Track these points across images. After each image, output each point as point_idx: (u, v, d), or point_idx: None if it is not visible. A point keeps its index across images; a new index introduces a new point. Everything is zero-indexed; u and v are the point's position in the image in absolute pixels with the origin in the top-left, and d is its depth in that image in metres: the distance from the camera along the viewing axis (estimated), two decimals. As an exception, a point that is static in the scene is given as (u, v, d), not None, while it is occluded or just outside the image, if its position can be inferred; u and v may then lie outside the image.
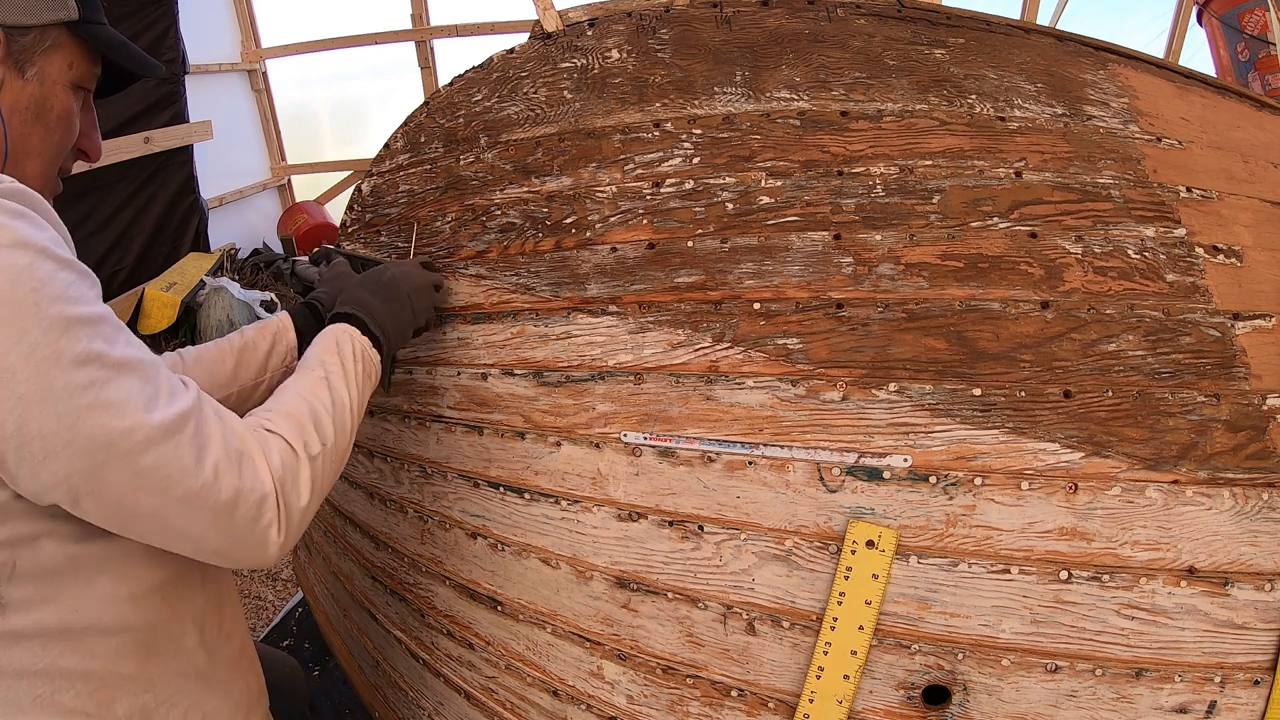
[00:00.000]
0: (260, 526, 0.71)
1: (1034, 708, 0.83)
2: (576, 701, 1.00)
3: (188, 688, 0.81)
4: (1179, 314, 0.87)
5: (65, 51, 0.78)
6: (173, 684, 0.79)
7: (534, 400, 1.02)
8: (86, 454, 0.61)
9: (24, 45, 0.74)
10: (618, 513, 0.95)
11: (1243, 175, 1.00)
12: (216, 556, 0.72)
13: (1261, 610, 0.82)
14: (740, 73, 0.99)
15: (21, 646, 0.68)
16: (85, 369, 0.61)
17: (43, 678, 0.70)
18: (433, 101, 1.16)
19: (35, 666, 0.69)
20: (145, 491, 0.64)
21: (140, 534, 0.68)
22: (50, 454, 0.60)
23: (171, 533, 0.68)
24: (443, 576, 1.13)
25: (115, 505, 0.64)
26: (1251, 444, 0.84)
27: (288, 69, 5.30)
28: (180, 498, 0.66)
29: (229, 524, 0.69)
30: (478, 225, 1.09)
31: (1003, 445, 0.84)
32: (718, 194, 0.96)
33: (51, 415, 0.59)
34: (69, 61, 0.78)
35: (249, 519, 0.70)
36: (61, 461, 0.60)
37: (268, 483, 0.72)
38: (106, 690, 0.74)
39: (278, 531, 0.73)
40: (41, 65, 0.76)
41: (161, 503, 0.65)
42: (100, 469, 0.62)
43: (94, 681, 0.73)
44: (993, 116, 0.95)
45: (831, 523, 0.86)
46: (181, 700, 0.80)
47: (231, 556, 0.72)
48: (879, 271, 0.90)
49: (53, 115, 0.78)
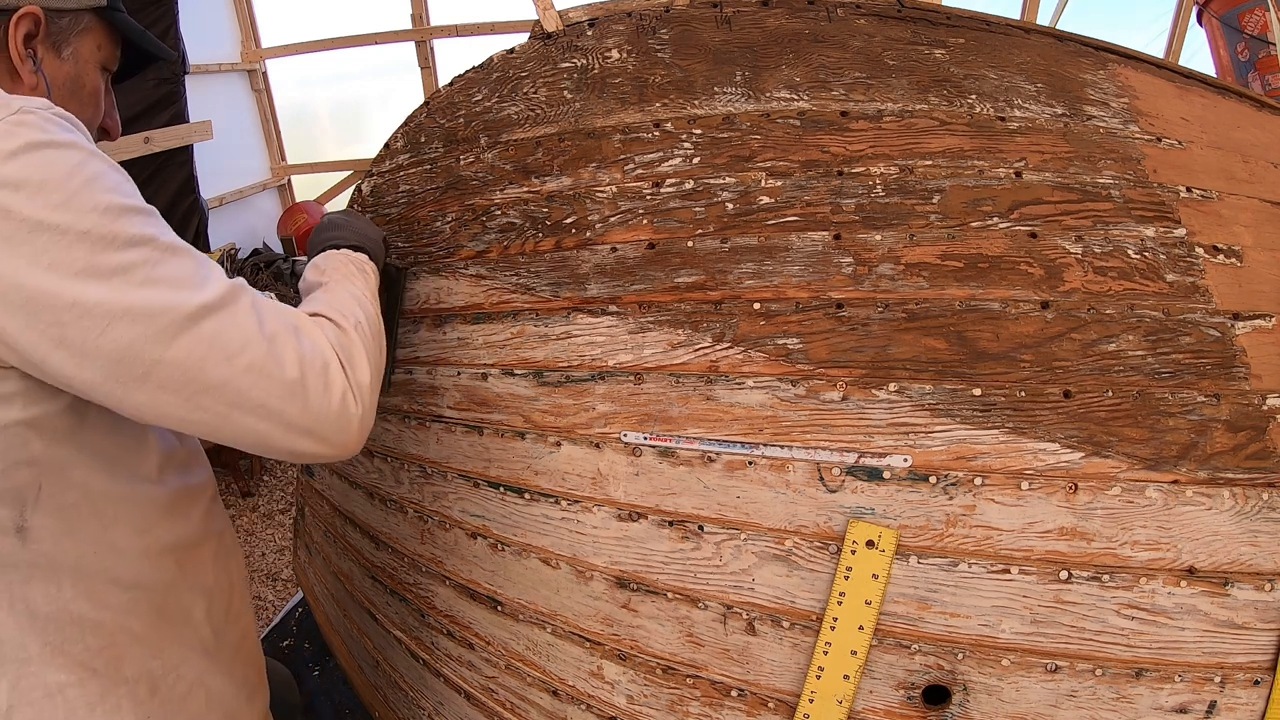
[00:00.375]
0: (334, 395, 0.73)
1: (1034, 708, 0.83)
2: (576, 701, 1.00)
3: (194, 661, 0.81)
4: (1179, 314, 0.87)
5: (95, 34, 0.84)
6: (179, 654, 0.80)
7: (534, 400, 1.02)
8: (147, 319, 0.63)
9: (61, 27, 0.80)
10: (618, 513, 0.95)
11: (1243, 175, 1.00)
12: (304, 436, 0.71)
13: (1261, 610, 0.82)
14: (740, 73, 0.99)
15: (37, 582, 0.69)
16: (140, 248, 0.64)
17: (54, 623, 0.70)
18: (433, 101, 1.16)
19: (48, 608, 0.70)
20: (211, 361, 0.65)
21: (216, 416, 0.67)
22: (113, 320, 0.61)
23: (248, 408, 0.68)
24: (443, 576, 1.13)
25: (183, 378, 0.65)
26: (1251, 444, 0.84)
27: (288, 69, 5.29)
28: (247, 366, 0.67)
29: (303, 393, 0.70)
30: (478, 225, 1.09)
31: (1003, 445, 0.84)
32: (718, 194, 0.96)
33: (110, 289, 0.62)
34: (98, 44, 0.85)
35: (320, 387, 0.72)
36: (123, 328, 0.62)
37: (327, 350, 0.75)
38: (116, 648, 0.74)
39: (354, 401, 0.74)
40: (76, 46, 0.82)
41: (230, 373, 0.66)
42: (162, 335, 0.63)
43: (104, 635, 0.73)
44: (993, 116, 0.95)
45: (831, 523, 0.86)
46: (188, 673, 0.80)
47: (317, 432, 0.72)
48: (879, 271, 0.90)
49: (85, 92, 0.84)
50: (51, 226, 0.60)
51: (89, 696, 0.72)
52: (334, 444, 0.74)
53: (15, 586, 0.68)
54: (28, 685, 0.70)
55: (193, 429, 0.68)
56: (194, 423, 0.67)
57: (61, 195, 0.61)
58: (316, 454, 0.74)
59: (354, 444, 0.76)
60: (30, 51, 0.77)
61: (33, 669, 0.70)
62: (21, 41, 0.76)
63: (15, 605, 0.68)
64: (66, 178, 0.62)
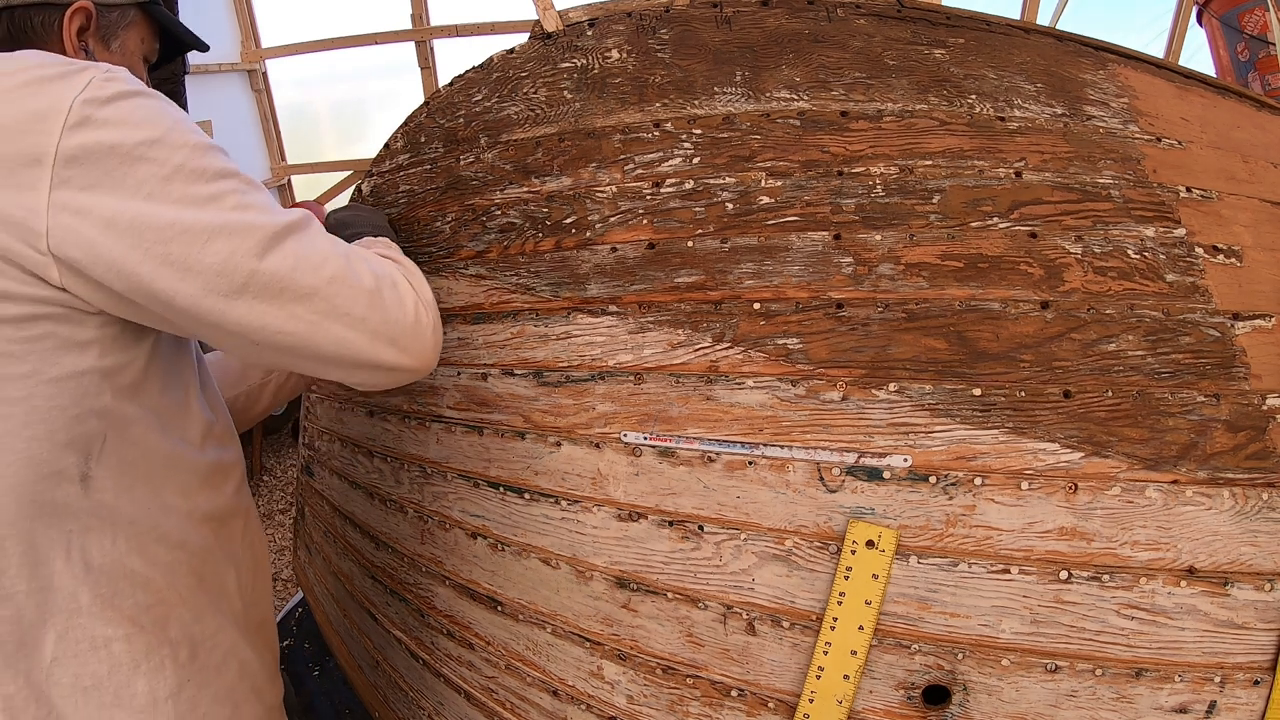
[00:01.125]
0: (407, 306, 0.79)
1: (1034, 708, 0.83)
2: (576, 701, 1.00)
3: (228, 631, 0.84)
4: (1179, 314, 0.87)
5: (139, 28, 0.89)
6: (216, 622, 0.82)
7: (534, 400, 1.02)
8: (242, 234, 0.68)
9: (111, 20, 0.86)
10: (618, 513, 0.95)
11: (1243, 175, 1.00)
12: (389, 346, 0.77)
13: (1261, 610, 0.82)
14: (740, 73, 0.99)
15: (94, 533, 0.71)
16: (228, 180, 0.70)
17: (107, 576, 0.72)
18: (433, 101, 1.16)
19: (103, 559, 0.72)
20: (301, 271, 0.71)
21: (310, 325, 0.72)
22: (211, 235, 0.67)
23: (336, 315, 0.73)
24: (442, 576, 1.13)
25: (278, 287, 0.70)
26: (1251, 444, 0.84)
27: (288, 69, 5.29)
28: (331, 276, 0.72)
29: (380, 303, 0.76)
30: (478, 225, 1.09)
31: (1003, 445, 0.84)
32: (718, 194, 0.96)
33: (206, 211, 0.67)
34: (141, 36, 0.90)
35: (395, 299, 0.78)
36: (221, 242, 0.67)
37: (393, 268, 0.82)
38: (163, 606, 0.77)
39: (425, 313, 0.81)
40: (123, 39, 0.88)
41: (317, 281, 0.72)
42: (256, 248, 0.68)
43: (153, 593, 0.76)
44: (993, 116, 0.95)
45: (831, 523, 0.86)
46: (223, 642, 0.83)
47: (400, 341, 0.78)
48: (879, 271, 0.90)
49: None
50: (150, 159, 0.65)
51: (134, 653, 0.74)
52: (413, 353, 0.80)
53: (74, 536, 0.70)
54: (75, 637, 0.71)
55: (288, 342, 0.72)
56: (289, 334, 0.71)
57: (155, 133, 0.66)
58: (398, 364, 0.79)
59: (430, 354, 0.82)
60: (83, 44, 0.82)
61: (82, 620, 0.71)
62: (75, 34, 0.81)
63: (73, 554, 0.70)
64: (158, 119, 0.67)
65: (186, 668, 0.78)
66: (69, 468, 0.69)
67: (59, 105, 0.62)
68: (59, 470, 0.68)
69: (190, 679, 0.78)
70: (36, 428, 0.67)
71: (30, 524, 0.68)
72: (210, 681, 0.80)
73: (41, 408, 0.66)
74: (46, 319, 0.65)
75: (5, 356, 0.64)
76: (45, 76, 0.64)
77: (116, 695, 0.73)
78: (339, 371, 0.76)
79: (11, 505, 0.67)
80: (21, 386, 0.65)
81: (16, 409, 0.66)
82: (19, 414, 0.66)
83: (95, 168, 0.63)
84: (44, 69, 0.65)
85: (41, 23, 0.79)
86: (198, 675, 0.79)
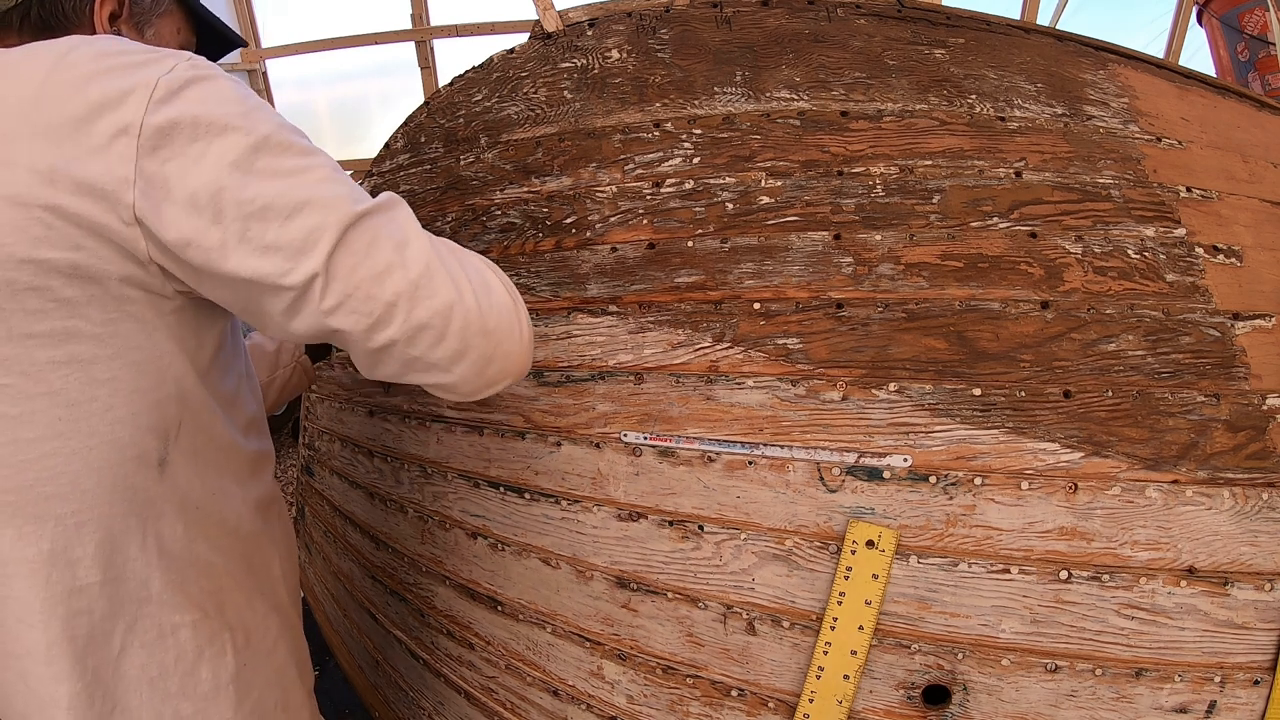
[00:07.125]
0: (494, 288, 0.74)
1: (1034, 707, 0.83)
2: (577, 701, 1.00)
3: (274, 618, 0.85)
4: (1179, 314, 0.87)
5: (174, 18, 0.87)
6: (264, 608, 0.83)
7: (534, 400, 1.02)
8: (326, 209, 0.65)
9: (144, 8, 0.83)
10: (618, 512, 0.95)
11: (1243, 175, 1.00)
12: (480, 335, 0.71)
13: (1261, 610, 0.82)
14: (740, 73, 0.99)
15: (167, 518, 0.72)
16: (313, 156, 0.68)
17: (177, 562, 0.73)
18: (433, 101, 1.16)
19: (174, 545, 0.72)
20: (379, 246, 0.67)
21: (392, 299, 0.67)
22: (294, 210, 0.64)
23: (420, 296, 0.68)
24: (443, 576, 1.13)
25: (358, 259, 0.66)
26: (1251, 444, 0.84)
27: (288, 69, 5.29)
28: (414, 255, 0.68)
29: (468, 285, 0.71)
30: (478, 225, 1.09)
31: (1003, 445, 0.84)
32: (718, 194, 0.96)
33: (290, 185, 0.65)
34: (177, 27, 0.88)
35: (480, 282, 0.73)
36: (304, 217, 0.64)
37: (479, 261, 0.78)
38: (222, 592, 0.77)
39: (509, 295, 0.75)
40: (158, 27, 0.85)
41: (396, 256, 0.67)
42: (340, 223, 0.65)
43: (215, 577, 0.76)
44: (993, 116, 0.95)
45: (831, 523, 0.86)
46: (272, 626, 0.84)
47: (490, 323, 0.71)
48: (879, 271, 0.90)
49: None
50: (235, 129, 0.64)
51: (199, 638, 0.75)
52: (513, 343, 0.74)
53: (149, 522, 0.71)
54: (144, 626, 0.71)
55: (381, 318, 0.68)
56: (369, 314, 0.68)
57: (241, 109, 0.65)
58: (495, 349, 0.72)
59: (526, 334, 0.76)
60: (115, 31, 0.80)
61: (151, 609, 0.72)
62: (106, 20, 0.79)
63: (148, 541, 0.71)
64: (244, 98, 0.67)
65: (243, 653, 0.79)
66: (149, 451, 0.69)
67: (146, 81, 0.62)
68: (141, 454, 0.69)
69: (246, 664, 0.79)
70: (120, 410, 0.67)
71: (109, 509, 0.68)
72: (262, 666, 0.81)
73: (125, 390, 0.67)
74: (132, 301, 0.65)
75: (92, 339, 0.64)
76: (133, 62, 0.64)
77: (181, 684, 0.73)
78: (435, 352, 0.73)
79: (93, 488, 0.67)
80: (107, 368, 0.65)
81: (101, 390, 0.66)
82: (104, 396, 0.66)
83: (180, 138, 0.62)
84: (130, 55, 0.64)
85: (73, 8, 0.77)
86: (252, 660, 0.80)
